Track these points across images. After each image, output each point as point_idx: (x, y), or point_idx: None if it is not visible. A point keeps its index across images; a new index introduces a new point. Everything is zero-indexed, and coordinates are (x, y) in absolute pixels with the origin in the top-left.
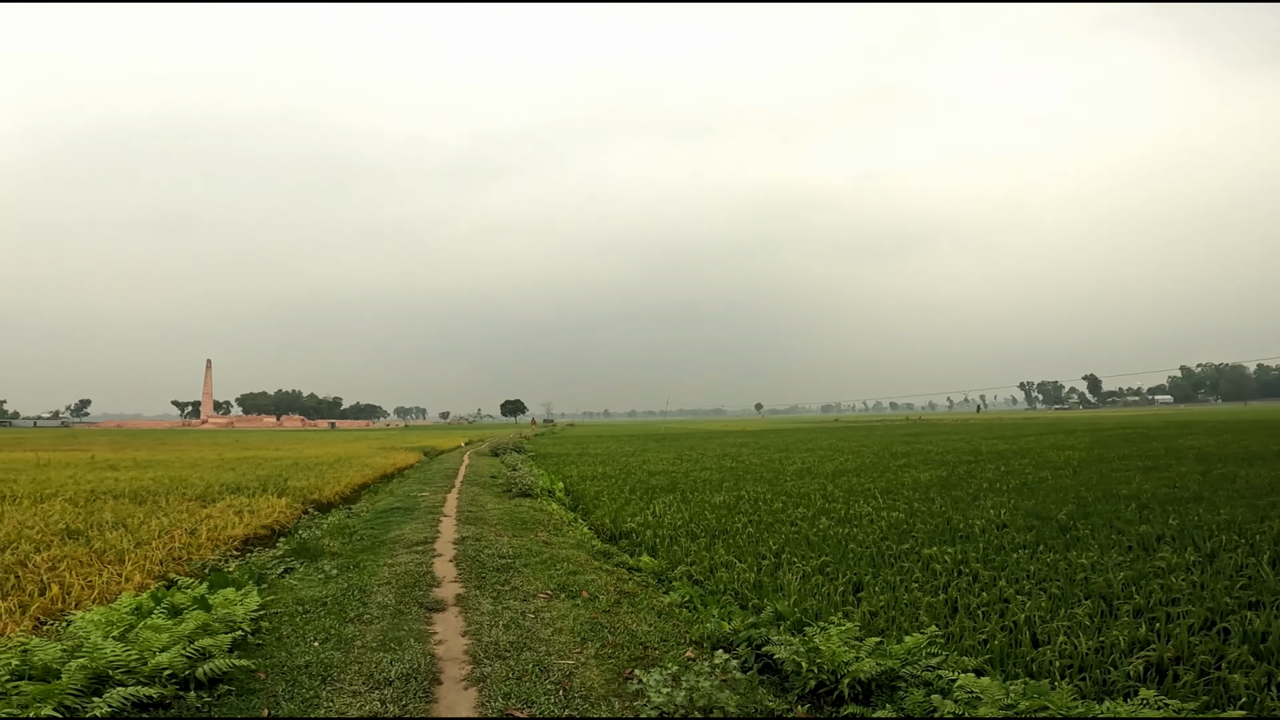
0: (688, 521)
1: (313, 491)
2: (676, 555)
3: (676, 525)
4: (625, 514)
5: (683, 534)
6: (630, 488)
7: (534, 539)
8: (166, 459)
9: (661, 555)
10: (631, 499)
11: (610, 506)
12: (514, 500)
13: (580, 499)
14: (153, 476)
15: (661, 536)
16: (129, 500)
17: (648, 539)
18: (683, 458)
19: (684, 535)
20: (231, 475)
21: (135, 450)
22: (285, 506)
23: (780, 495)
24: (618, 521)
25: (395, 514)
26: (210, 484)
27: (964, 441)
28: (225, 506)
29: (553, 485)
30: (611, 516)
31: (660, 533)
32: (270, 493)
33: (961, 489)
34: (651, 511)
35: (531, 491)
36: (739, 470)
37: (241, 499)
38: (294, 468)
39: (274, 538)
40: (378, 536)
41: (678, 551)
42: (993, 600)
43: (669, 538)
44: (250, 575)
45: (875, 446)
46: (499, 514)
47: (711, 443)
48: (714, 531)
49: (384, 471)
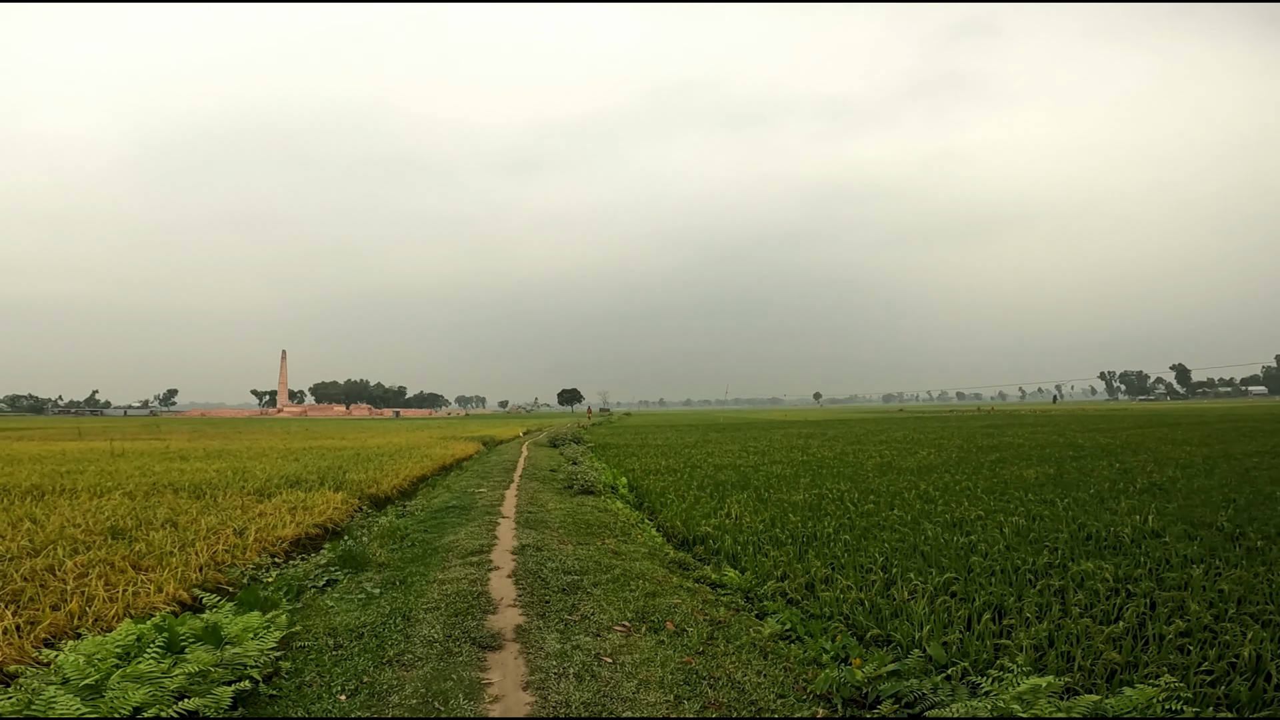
0: (769, 525)
1: (370, 485)
2: (763, 567)
3: (757, 529)
4: (697, 515)
5: (766, 540)
6: (698, 484)
7: (601, 547)
8: (236, 449)
9: (745, 567)
10: (701, 496)
11: (679, 506)
12: (576, 498)
13: (645, 496)
14: (217, 468)
15: (742, 543)
16: (188, 494)
17: (727, 546)
18: (748, 449)
19: (768, 542)
20: (294, 467)
21: (209, 440)
22: (340, 502)
23: (868, 494)
24: (690, 524)
25: (451, 514)
26: (270, 477)
27: (1056, 435)
28: (280, 503)
29: (615, 481)
30: (682, 518)
31: (740, 538)
32: (327, 487)
33: (1080, 489)
34: (726, 512)
35: (594, 488)
36: (813, 464)
37: (298, 494)
38: (355, 459)
39: (325, 538)
40: (430, 542)
41: (765, 563)
42: (1193, 629)
43: (750, 544)
44: (286, 590)
45: (956, 439)
46: (560, 515)
47: (775, 433)
48: (801, 538)
49: (443, 463)
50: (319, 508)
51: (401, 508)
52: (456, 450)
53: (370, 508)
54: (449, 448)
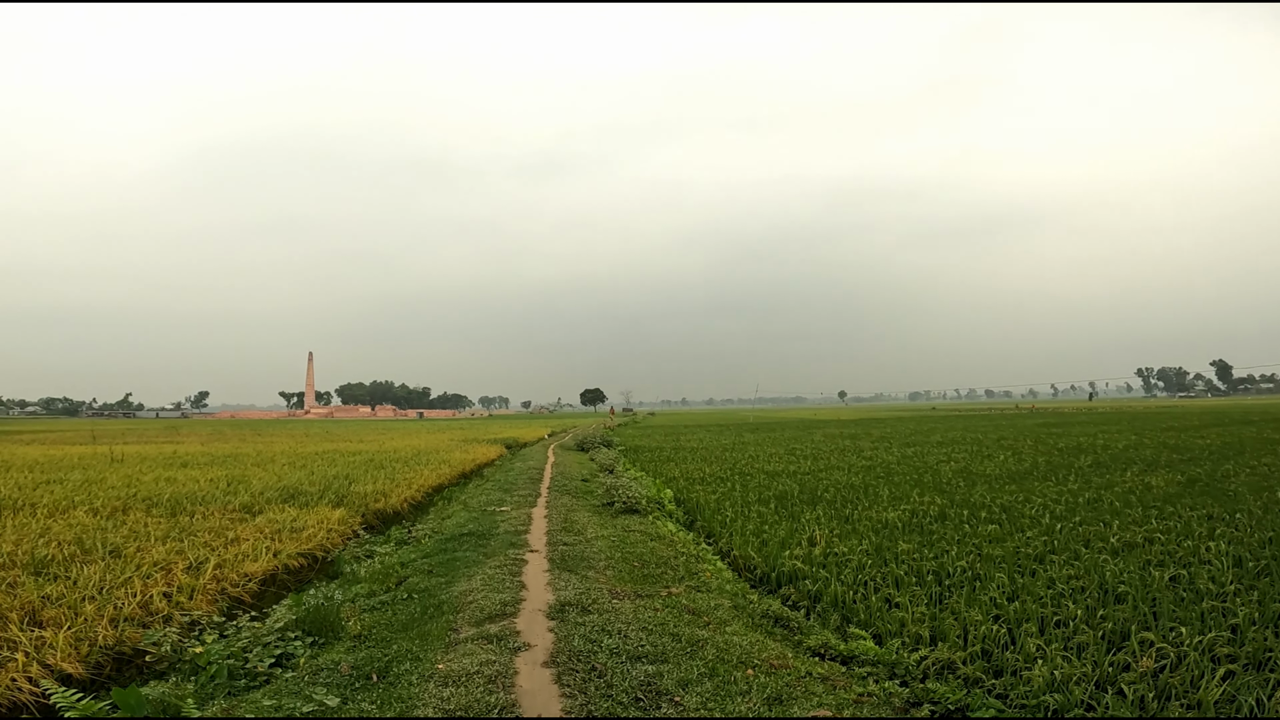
0: (873, 556)
1: (377, 499)
2: (895, 622)
3: (859, 562)
4: (772, 541)
5: (876, 577)
6: (756, 495)
7: (669, 600)
8: (247, 453)
9: (869, 621)
10: (766, 514)
11: (739, 525)
12: (618, 520)
13: (696, 512)
14: (212, 477)
15: (847, 582)
16: (163, 511)
17: (832, 592)
18: (795, 452)
19: (881, 580)
20: (298, 476)
21: (224, 443)
22: (338, 522)
23: (973, 510)
24: (769, 555)
25: (465, 544)
26: (268, 487)
27: (1133, 435)
28: (266, 523)
29: (659, 493)
30: (756, 546)
31: (844, 576)
32: (327, 501)
33: (1238, 501)
34: (808, 537)
35: (638, 506)
36: (879, 471)
37: (291, 511)
38: (368, 465)
39: (310, 570)
40: (433, 593)
41: (895, 615)
42: None
43: (858, 585)
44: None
45: (1025, 441)
46: (604, 546)
47: (814, 433)
48: (926, 574)
49: (462, 470)
50: (309, 530)
51: (407, 530)
52: (478, 455)
53: (376, 526)
54: (470, 452)
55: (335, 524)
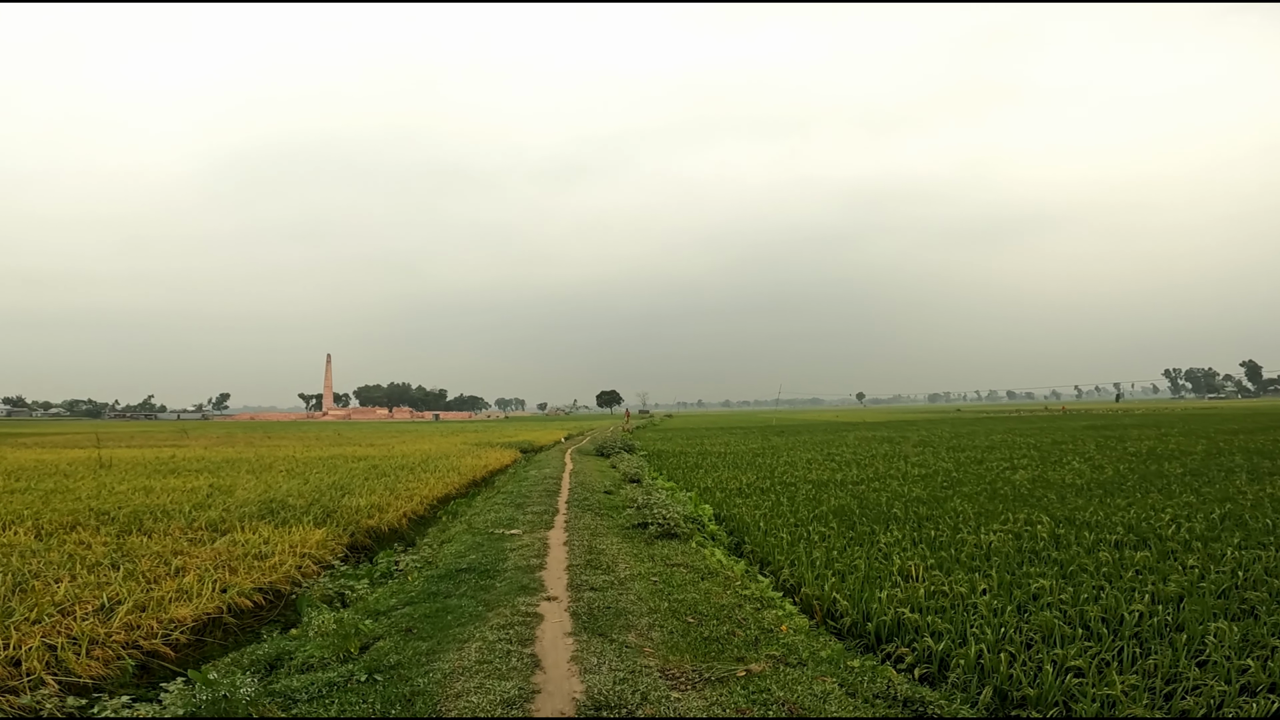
0: (1000, 595)
1: (371, 514)
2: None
3: (996, 609)
4: (845, 572)
5: (1021, 627)
6: (809, 511)
7: (753, 692)
8: (247, 458)
9: (1047, 697)
10: (829, 535)
11: (801, 551)
12: (655, 547)
13: (743, 533)
14: (194, 486)
15: (986, 638)
16: (119, 528)
17: (969, 654)
18: (834, 458)
19: (1034, 632)
20: (292, 484)
21: (228, 447)
22: (317, 545)
23: (1093, 530)
24: (854, 594)
25: (463, 584)
26: (249, 500)
27: (1196, 438)
28: (228, 546)
29: (696, 509)
30: (833, 582)
31: (977, 627)
32: (312, 518)
33: None
34: (896, 568)
35: (676, 529)
36: (940, 479)
37: (265, 530)
38: (369, 473)
39: (270, 608)
40: (403, 680)
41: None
42: None
43: (1003, 640)
44: None
45: (1084, 445)
46: (644, 591)
47: (845, 436)
48: (1088, 621)
49: (473, 477)
50: (278, 556)
51: (395, 560)
52: (490, 460)
53: (367, 546)
54: (482, 457)
55: (313, 547)
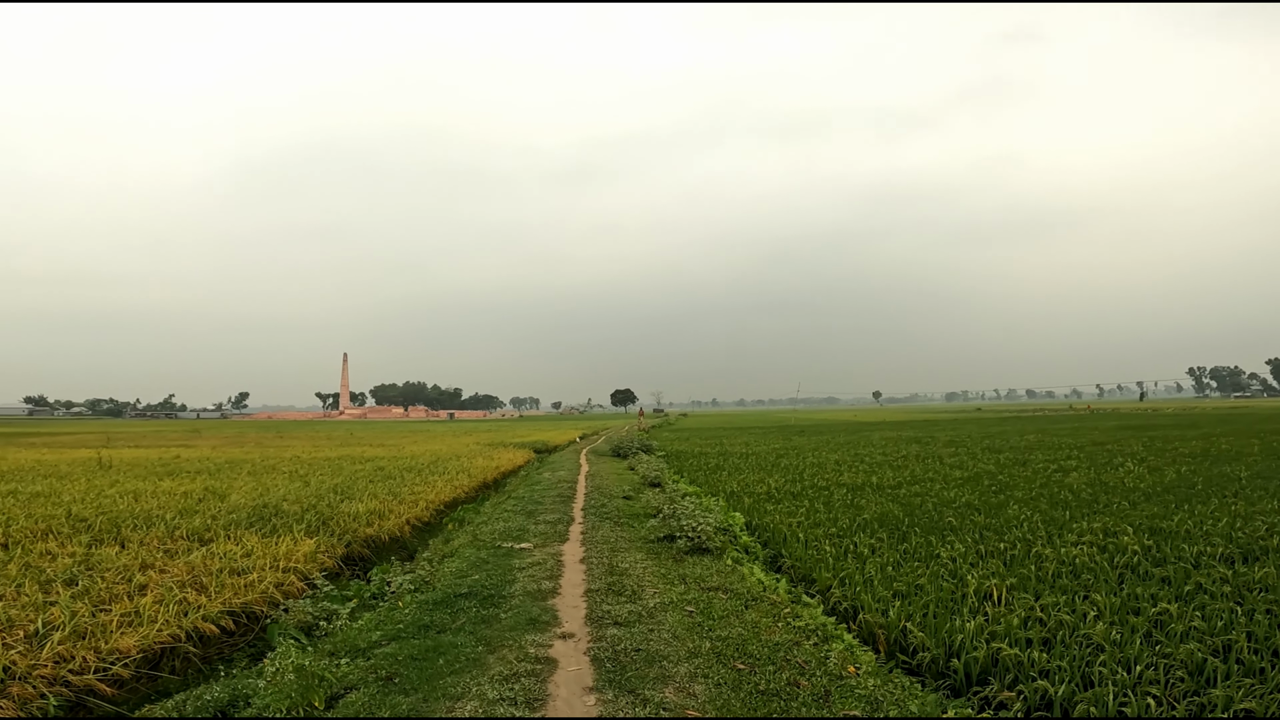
0: (1116, 623)
1: (371, 521)
2: None
3: (1112, 642)
4: (910, 593)
5: (1161, 667)
6: (849, 519)
7: None
8: (252, 459)
9: None
10: (879, 548)
11: (852, 568)
12: (685, 565)
13: (780, 544)
14: (187, 490)
15: (1121, 680)
16: (90, 538)
17: (1084, 702)
18: (863, 459)
19: (1162, 669)
20: (291, 488)
21: (237, 447)
22: (304, 558)
23: (1190, 542)
24: (934, 625)
25: (461, 614)
26: (241, 505)
27: (1243, 438)
28: (204, 559)
29: (726, 519)
30: (897, 608)
31: (1110, 670)
32: (306, 525)
33: None
34: (973, 589)
35: (707, 543)
36: (985, 482)
37: (251, 540)
38: (374, 476)
39: (241, 634)
40: None
41: None
42: None
43: (1145, 683)
44: None
45: (1130, 445)
46: (679, 625)
47: (870, 436)
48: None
49: (484, 479)
50: (257, 571)
51: (384, 580)
52: (502, 461)
53: (364, 558)
54: (494, 457)
55: (300, 560)
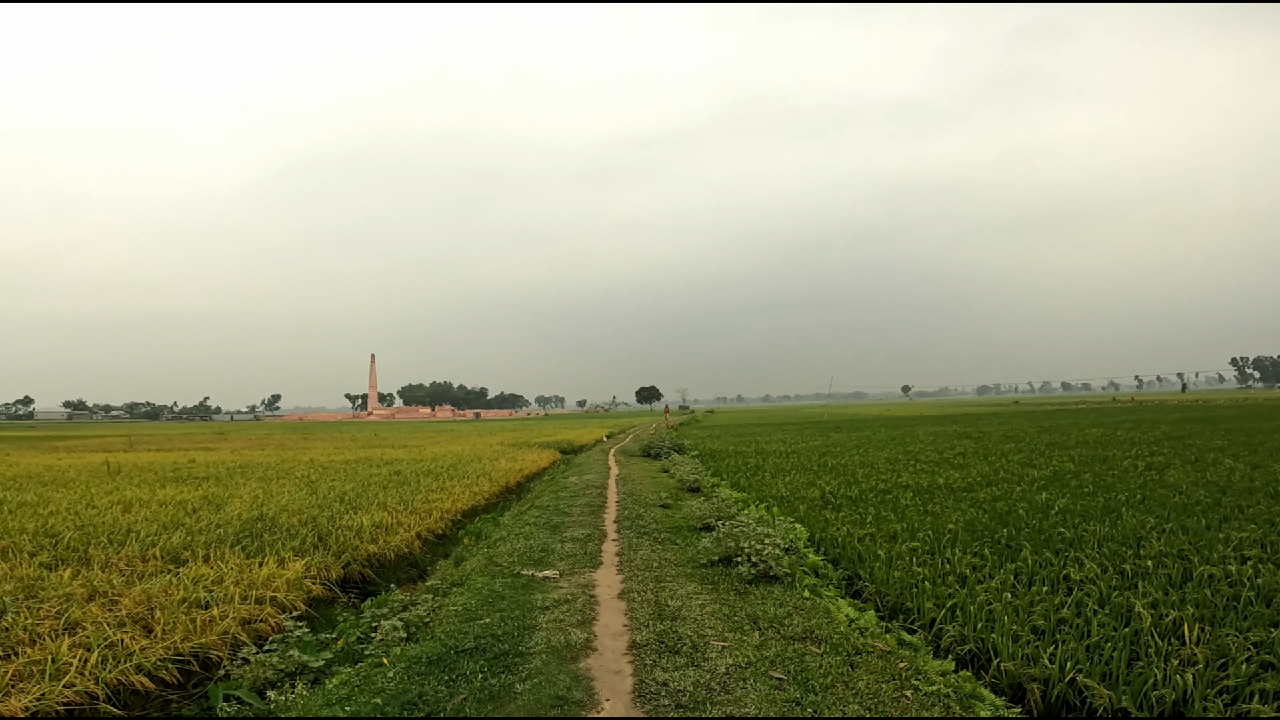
0: None
1: (376, 537)
2: None
3: None
4: (1049, 627)
5: None
6: (930, 529)
7: None
8: (270, 462)
9: None
10: (982, 566)
11: (956, 594)
12: (751, 599)
13: (854, 562)
14: (185, 499)
15: None
16: (56, 555)
17: None
18: (916, 457)
19: None
20: (296, 496)
21: (259, 450)
22: (287, 585)
23: None
24: (1129, 678)
25: (465, 679)
26: (232, 519)
27: None
28: (166, 587)
29: (788, 535)
30: (1069, 656)
31: None
32: (298, 543)
33: None
34: (1147, 625)
35: (774, 567)
36: (1068, 481)
37: (232, 560)
38: (389, 481)
39: (183, 689)
40: None
41: None
42: None
43: None
44: None
45: (1210, 440)
46: (765, 697)
47: (915, 431)
48: None
49: (505, 484)
50: (224, 604)
51: (373, 627)
52: (526, 463)
53: (365, 580)
54: (517, 460)
55: (282, 587)
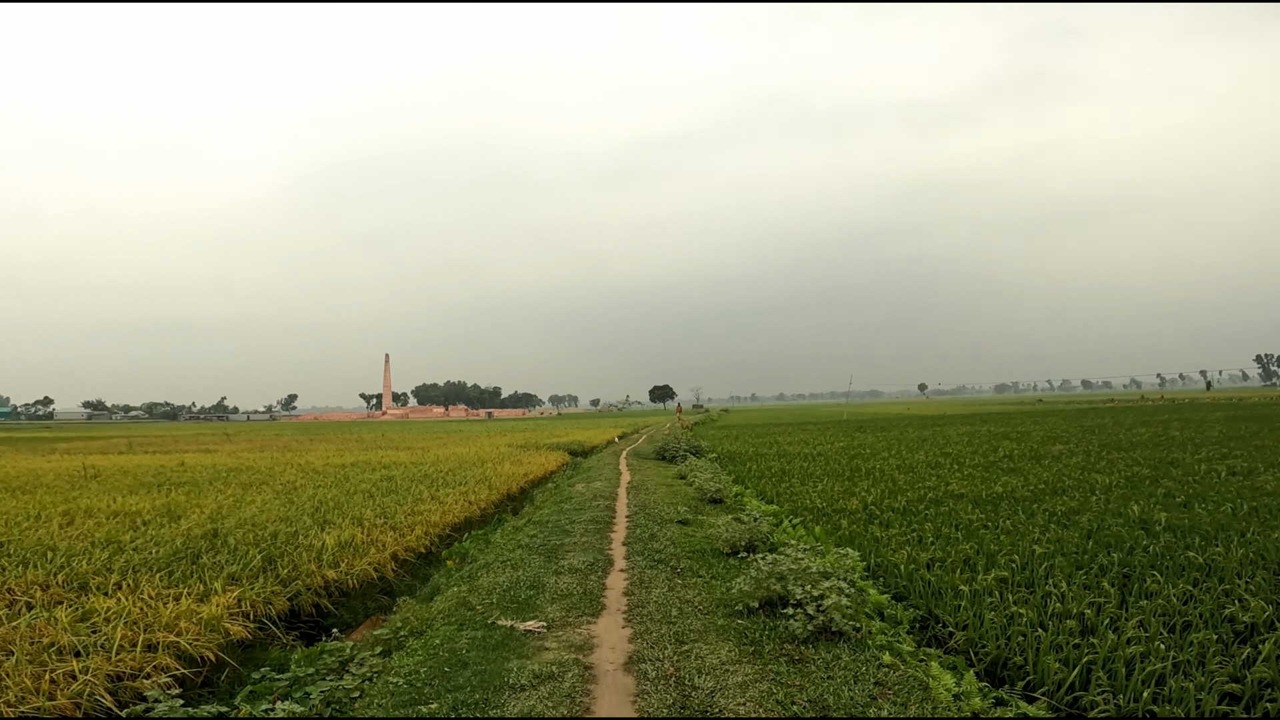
0: None
1: (339, 559)
2: None
3: None
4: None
5: None
6: (1018, 556)
7: None
8: (264, 465)
9: None
10: (1105, 605)
11: (1072, 643)
12: (810, 671)
13: (924, 598)
14: (141, 510)
15: None
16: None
17: None
18: (958, 460)
19: None
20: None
21: (260, 452)
22: (197, 627)
23: None
24: None
25: None
26: (175, 536)
27: None
28: (27, 626)
29: (838, 563)
30: None
31: None
32: (234, 570)
33: None
34: None
35: (835, 620)
36: (1155, 488)
37: (147, 589)
38: (376, 489)
39: None
40: None
41: None
42: None
43: None
44: None
45: (1262, 437)
46: None
47: (947, 431)
48: None
49: (506, 491)
50: (94, 656)
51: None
52: (532, 467)
53: (317, 615)
54: (523, 462)
55: (194, 629)
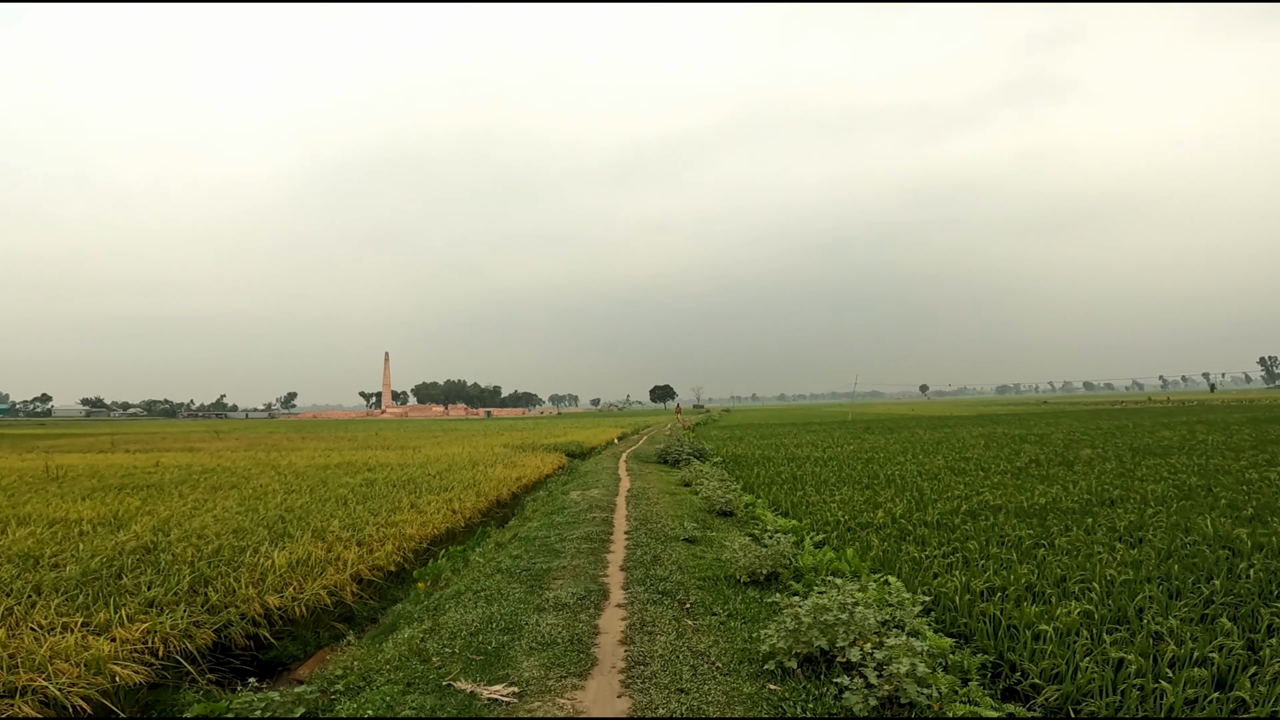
0: None
1: (286, 583)
2: None
3: None
4: None
5: None
6: (1096, 586)
7: None
8: (236, 467)
9: None
10: (1233, 648)
11: None
12: None
13: (982, 633)
14: (85, 517)
15: None
16: None
17: None
18: (985, 467)
19: None
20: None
21: (243, 451)
22: (78, 669)
23: None
24: None
25: None
26: (102, 550)
27: None
28: None
29: (881, 594)
30: None
31: None
32: (156, 594)
33: None
34: None
35: (903, 690)
36: (1220, 499)
37: (36, 619)
38: (353, 495)
39: None
40: None
41: None
42: None
43: None
44: None
45: None
46: None
47: (959, 432)
48: None
49: (496, 497)
50: None
51: None
52: (526, 470)
53: (254, 648)
54: (518, 464)
55: (67, 671)
